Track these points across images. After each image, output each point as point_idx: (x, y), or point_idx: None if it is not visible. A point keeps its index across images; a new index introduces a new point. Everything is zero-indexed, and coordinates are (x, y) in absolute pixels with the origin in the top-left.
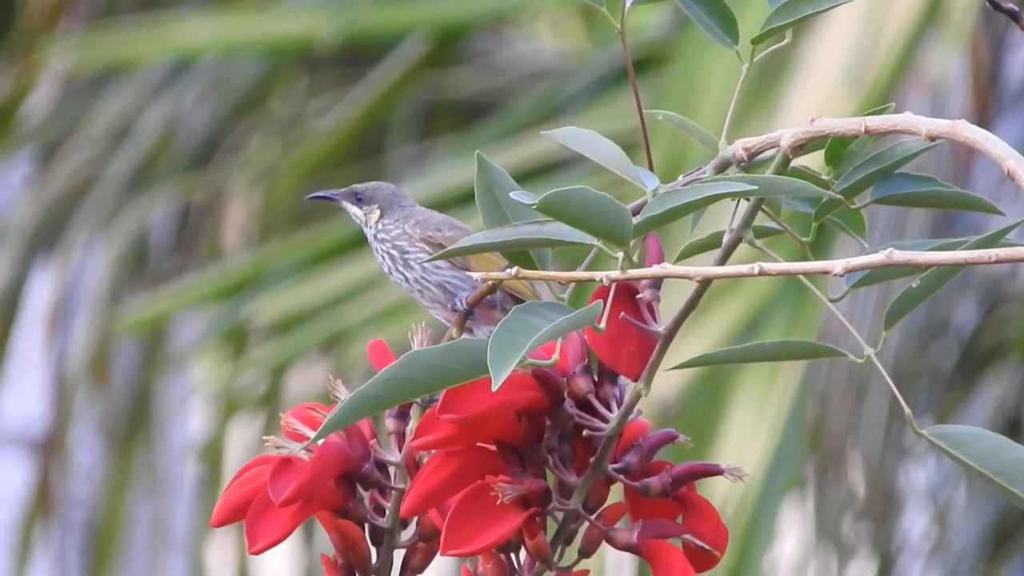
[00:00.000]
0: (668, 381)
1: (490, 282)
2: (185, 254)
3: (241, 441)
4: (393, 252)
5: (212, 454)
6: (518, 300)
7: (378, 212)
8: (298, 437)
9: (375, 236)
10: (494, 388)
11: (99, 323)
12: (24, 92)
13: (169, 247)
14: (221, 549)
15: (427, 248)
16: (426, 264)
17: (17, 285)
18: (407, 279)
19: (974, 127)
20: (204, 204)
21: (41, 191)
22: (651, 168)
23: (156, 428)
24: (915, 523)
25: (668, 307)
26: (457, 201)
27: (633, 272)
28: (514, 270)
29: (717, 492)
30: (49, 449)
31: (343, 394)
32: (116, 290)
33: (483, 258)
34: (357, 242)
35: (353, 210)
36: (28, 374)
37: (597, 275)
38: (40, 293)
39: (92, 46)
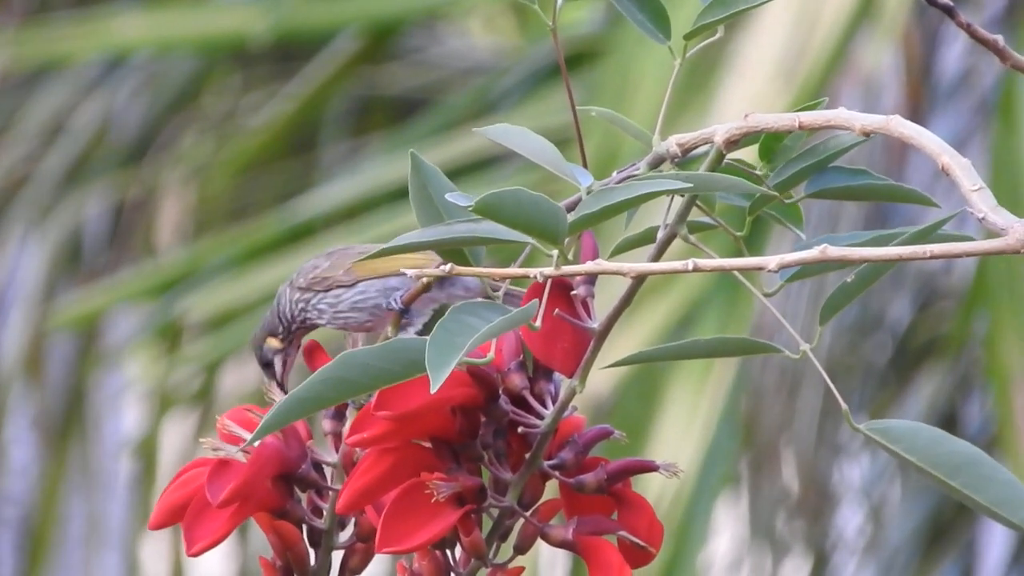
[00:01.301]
0: (602, 377)
1: (424, 279)
2: (119, 250)
3: (175, 437)
4: (300, 305)
5: (147, 450)
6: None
7: (273, 339)
8: (234, 439)
9: (290, 323)
10: (433, 390)
11: (33, 319)
12: None
13: (103, 243)
14: (156, 545)
15: (316, 288)
16: (326, 302)
17: None
18: (330, 321)
19: (908, 122)
20: (138, 200)
21: None
22: (585, 164)
23: (90, 424)
24: (850, 520)
25: (603, 303)
26: (390, 197)
27: (567, 268)
28: (448, 267)
29: (652, 488)
30: None
31: (277, 395)
32: (50, 286)
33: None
34: (291, 237)
35: (274, 361)
36: None
37: (531, 272)
38: None
39: (25, 42)
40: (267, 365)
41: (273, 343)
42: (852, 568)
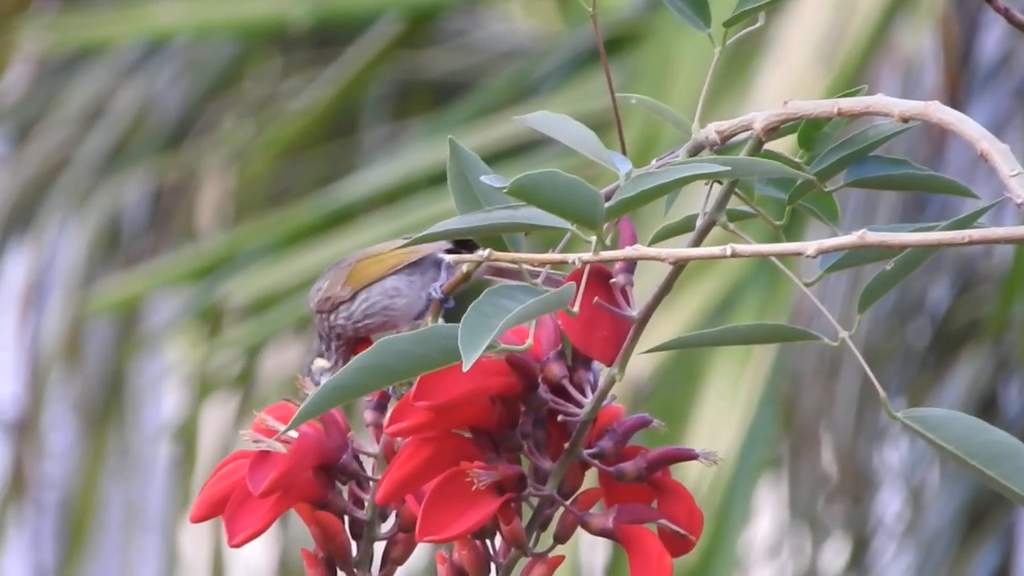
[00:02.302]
0: (641, 362)
1: (464, 268)
2: (159, 235)
3: (215, 422)
4: (338, 332)
5: (186, 435)
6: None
7: (321, 361)
8: (273, 432)
9: (336, 360)
10: (465, 370)
11: (73, 304)
12: None
13: (143, 228)
14: (196, 530)
15: (323, 309)
16: (356, 309)
17: None
18: (357, 331)
19: (947, 108)
20: (177, 185)
21: (15, 172)
22: (623, 151)
23: (130, 409)
24: (889, 504)
25: (641, 291)
26: (430, 181)
27: (605, 253)
28: (487, 253)
29: (691, 473)
30: (22, 431)
31: (310, 388)
32: (90, 271)
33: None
34: (331, 222)
35: (318, 364)
36: (1, 355)
37: (569, 257)
38: (13, 274)
39: (65, 27)
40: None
41: (320, 363)
42: (891, 552)
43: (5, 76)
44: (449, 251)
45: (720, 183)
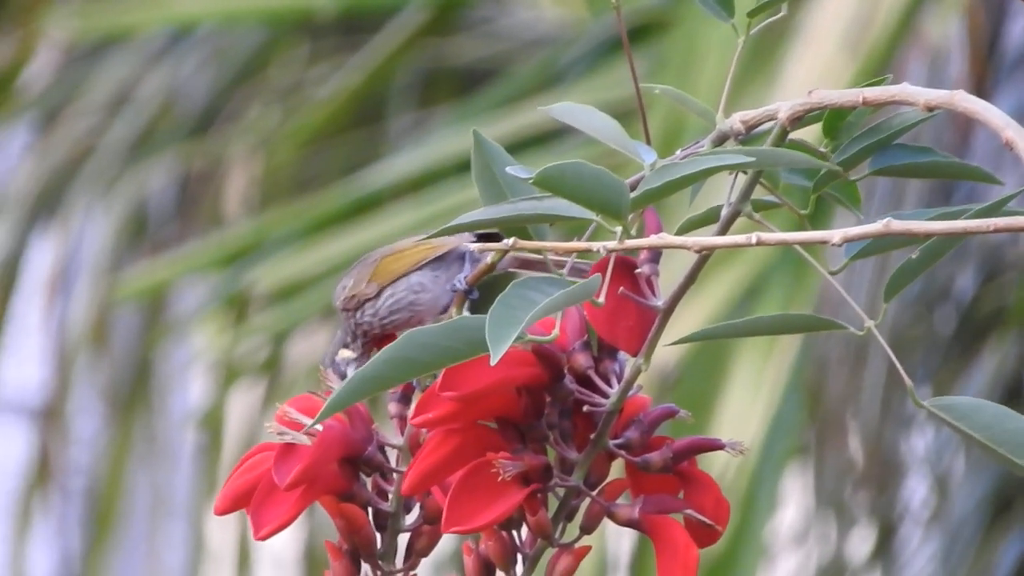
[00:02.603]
0: (666, 352)
1: (489, 259)
2: (185, 221)
3: (241, 409)
4: (364, 329)
5: (213, 422)
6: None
7: (347, 351)
8: (298, 424)
9: (364, 352)
10: (493, 363)
11: (99, 291)
12: (23, 60)
13: (169, 214)
14: (222, 518)
15: (349, 308)
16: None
17: (17, 253)
18: (384, 328)
19: (972, 97)
20: (204, 172)
21: (41, 159)
22: (648, 141)
23: (156, 396)
24: (915, 491)
25: (667, 281)
26: (457, 169)
27: (630, 242)
28: (511, 242)
29: (717, 462)
30: (49, 417)
31: (334, 381)
32: (116, 258)
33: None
34: (357, 210)
35: (347, 371)
36: (27, 342)
37: (594, 245)
38: (40, 261)
39: (92, 14)
40: (344, 377)
41: (346, 353)
42: (917, 540)
43: (31, 64)
44: (474, 243)
45: (745, 173)
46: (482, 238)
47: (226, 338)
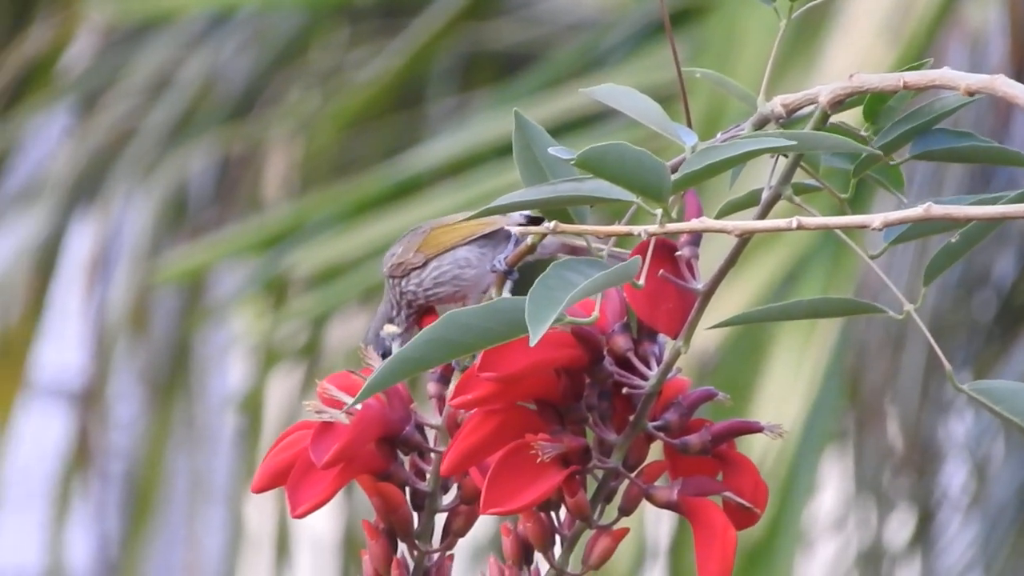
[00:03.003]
0: (706, 336)
1: (529, 240)
2: (224, 205)
3: (281, 393)
4: (407, 295)
5: (252, 406)
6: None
7: (392, 326)
8: (337, 402)
9: (407, 327)
10: (532, 344)
11: (138, 274)
12: (63, 44)
13: (208, 198)
14: (261, 501)
15: (396, 275)
16: (427, 276)
17: (57, 237)
18: (427, 300)
19: (1013, 81)
20: (243, 155)
21: (80, 143)
22: (689, 124)
23: (196, 380)
24: (954, 476)
25: (706, 263)
26: (496, 153)
27: (671, 226)
28: (552, 224)
29: (756, 446)
30: (88, 401)
31: (375, 360)
32: (156, 241)
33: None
34: (398, 193)
35: (392, 347)
36: (67, 326)
37: (635, 229)
38: (79, 245)
39: None
40: (387, 355)
41: (391, 328)
42: (957, 524)
43: (71, 48)
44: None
45: (785, 156)
46: (532, 222)
47: (265, 322)
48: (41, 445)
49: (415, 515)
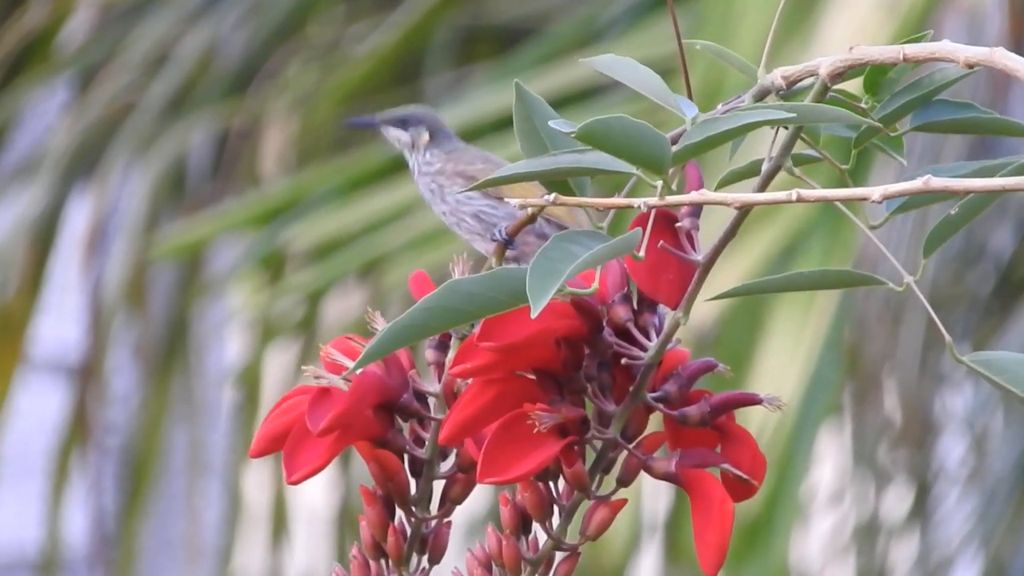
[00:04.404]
0: (705, 308)
1: (529, 210)
2: (223, 180)
3: (278, 367)
4: (434, 186)
5: (249, 380)
6: (560, 227)
7: (427, 135)
8: (337, 368)
9: (419, 169)
10: (533, 316)
11: (136, 249)
12: (62, 18)
13: (207, 173)
14: (258, 475)
15: (460, 181)
16: (459, 196)
17: (55, 211)
18: (444, 212)
19: (1012, 54)
20: (242, 130)
21: (79, 117)
22: (690, 96)
23: (193, 354)
24: (952, 450)
25: (706, 236)
26: (495, 127)
27: (671, 198)
28: (552, 197)
29: (754, 419)
30: (86, 375)
31: (381, 324)
32: (154, 216)
33: (518, 189)
34: (396, 167)
35: (397, 134)
36: (65, 300)
37: (635, 201)
38: (78, 219)
39: None
40: (406, 126)
41: (423, 139)
42: (954, 498)
43: (69, 22)
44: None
45: (786, 128)
46: None
47: (263, 296)
48: (39, 420)
49: (413, 482)
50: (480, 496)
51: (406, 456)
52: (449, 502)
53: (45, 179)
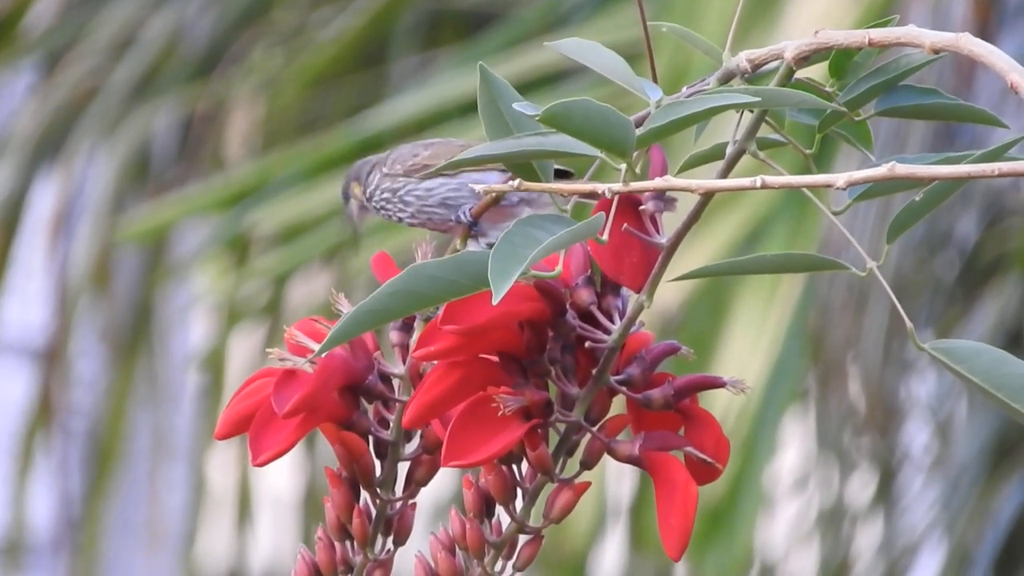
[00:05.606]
0: (670, 292)
1: (493, 194)
2: (188, 163)
3: (243, 351)
4: (386, 196)
5: (214, 364)
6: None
7: (358, 187)
8: (302, 351)
9: (385, 206)
10: (495, 301)
11: (101, 232)
12: (28, 2)
13: (172, 156)
14: (223, 459)
15: (415, 175)
16: (419, 191)
17: (20, 194)
18: (414, 215)
19: (978, 40)
20: (207, 113)
21: (44, 101)
22: (655, 80)
23: (158, 337)
24: (916, 436)
25: (671, 219)
26: (460, 111)
27: (636, 185)
28: (516, 182)
29: (718, 404)
30: (51, 358)
31: (345, 307)
32: (118, 199)
33: None
34: (360, 151)
35: (348, 210)
36: (30, 283)
37: (599, 187)
38: (42, 202)
39: None
40: (348, 198)
41: (356, 191)
42: (918, 485)
43: (35, 5)
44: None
45: (751, 112)
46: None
47: (228, 280)
48: (3, 403)
49: (378, 464)
50: (446, 478)
51: (371, 438)
52: (414, 484)
53: (10, 162)
